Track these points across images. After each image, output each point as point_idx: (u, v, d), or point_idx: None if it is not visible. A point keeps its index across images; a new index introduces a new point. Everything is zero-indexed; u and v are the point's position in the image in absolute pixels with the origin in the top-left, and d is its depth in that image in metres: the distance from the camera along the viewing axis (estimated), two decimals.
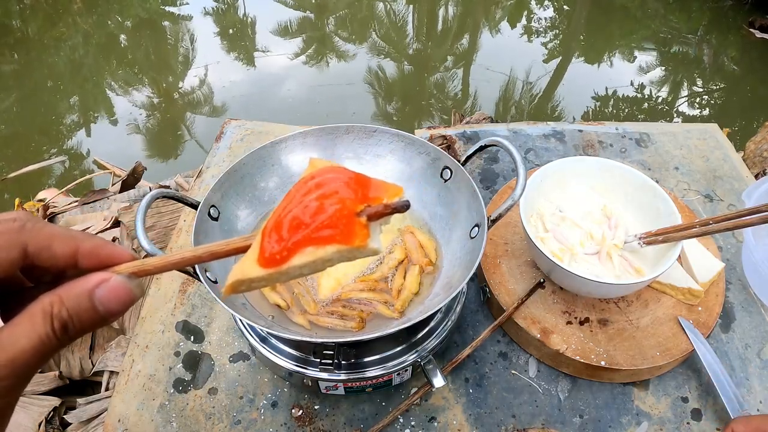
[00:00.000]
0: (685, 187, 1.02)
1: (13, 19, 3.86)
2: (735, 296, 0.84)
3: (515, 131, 1.13)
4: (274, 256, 0.31)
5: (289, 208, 0.32)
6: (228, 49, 3.75)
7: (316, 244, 0.31)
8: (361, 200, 0.32)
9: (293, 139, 0.75)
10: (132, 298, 0.31)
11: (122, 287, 0.31)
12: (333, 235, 0.31)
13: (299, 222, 0.31)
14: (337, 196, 0.32)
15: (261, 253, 0.31)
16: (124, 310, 0.31)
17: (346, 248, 0.31)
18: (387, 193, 0.33)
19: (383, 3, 4.24)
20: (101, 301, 0.30)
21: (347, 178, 0.33)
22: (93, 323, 0.30)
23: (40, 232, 0.31)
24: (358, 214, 0.32)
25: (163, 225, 1.09)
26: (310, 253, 0.31)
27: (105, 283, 0.30)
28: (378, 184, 0.34)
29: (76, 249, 0.32)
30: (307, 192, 0.33)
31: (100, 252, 0.32)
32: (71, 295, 0.29)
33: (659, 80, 3.38)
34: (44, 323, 0.28)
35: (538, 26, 4.02)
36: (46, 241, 0.31)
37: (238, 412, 0.72)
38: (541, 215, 0.81)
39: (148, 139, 2.95)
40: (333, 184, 0.33)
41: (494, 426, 0.71)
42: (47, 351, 0.29)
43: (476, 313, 0.83)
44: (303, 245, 0.31)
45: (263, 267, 0.31)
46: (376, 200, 0.33)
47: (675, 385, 0.74)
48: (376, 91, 3.33)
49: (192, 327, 0.81)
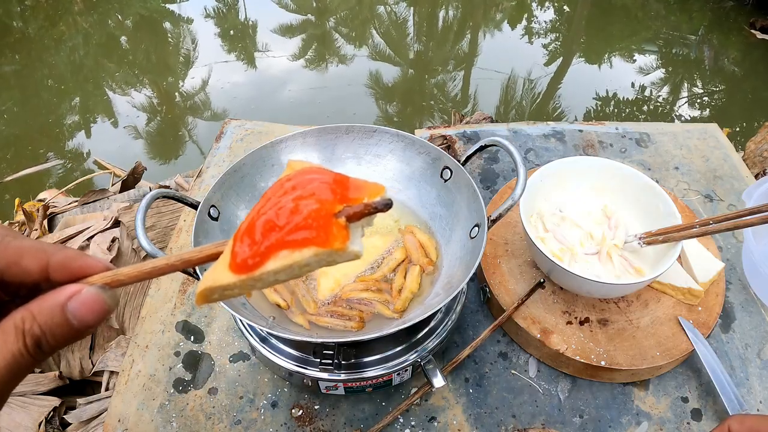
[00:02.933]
0: (685, 187, 1.02)
1: (13, 20, 3.86)
2: (735, 296, 0.84)
3: (515, 131, 1.13)
4: (246, 261, 0.29)
5: (263, 211, 0.30)
6: (229, 49, 3.75)
7: (291, 247, 0.29)
8: (340, 201, 0.31)
9: (293, 139, 0.75)
10: (106, 309, 0.30)
11: (95, 299, 0.30)
12: (309, 238, 0.29)
13: (272, 224, 0.30)
14: (314, 197, 0.30)
15: (232, 258, 0.30)
16: (98, 322, 0.30)
17: (324, 251, 0.29)
18: (367, 193, 0.31)
19: (384, 5, 4.24)
20: (74, 315, 0.29)
21: (325, 179, 0.32)
22: (67, 337, 0.29)
23: (8, 247, 0.30)
24: (336, 214, 0.30)
25: (163, 225, 1.09)
26: (285, 257, 0.29)
27: (77, 296, 0.29)
28: (358, 183, 0.32)
29: (47, 262, 0.31)
30: (283, 194, 0.31)
31: (71, 264, 0.31)
32: (43, 309, 0.28)
33: (660, 81, 3.38)
34: (16, 340, 0.27)
35: (539, 27, 4.02)
36: (15, 257, 0.30)
37: (239, 412, 0.72)
38: (541, 215, 0.81)
39: (148, 139, 2.95)
40: (310, 185, 0.31)
41: (494, 426, 0.71)
42: (21, 369, 0.28)
43: (476, 313, 0.83)
44: (277, 249, 0.29)
45: (235, 273, 0.30)
46: (356, 200, 0.31)
47: (675, 385, 0.74)
48: (377, 92, 3.33)
49: (192, 327, 0.81)
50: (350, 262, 0.74)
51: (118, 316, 1.00)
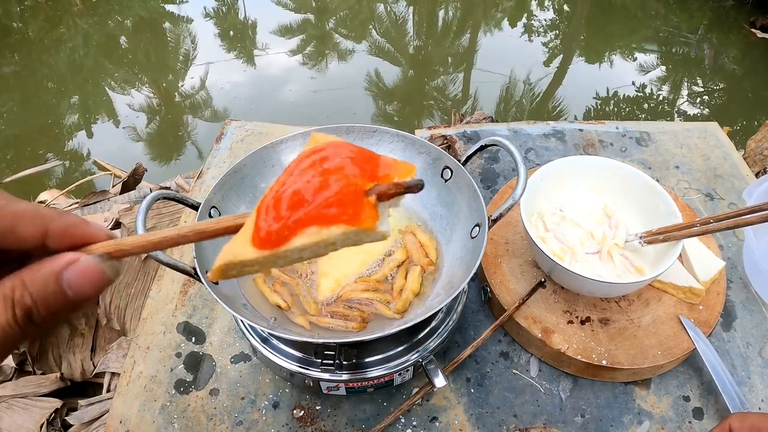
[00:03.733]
0: (686, 185, 1.02)
1: (13, 20, 3.87)
2: (736, 295, 0.84)
3: (515, 131, 1.13)
4: (271, 236, 0.27)
5: (289, 184, 0.28)
6: (228, 49, 3.76)
7: (320, 223, 0.27)
8: (369, 178, 0.29)
9: (293, 140, 0.75)
10: (105, 280, 0.28)
11: (94, 268, 0.28)
12: (339, 215, 0.27)
13: (301, 198, 0.28)
14: (343, 173, 0.28)
15: (256, 232, 0.28)
16: (96, 293, 0.28)
17: (353, 230, 0.28)
18: (398, 172, 0.29)
19: (384, 4, 4.24)
20: (70, 284, 0.27)
21: (353, 154, 0.30)
22: (61, 309, 0.27)
23: (3, 212, 0.28)
24: (366, 192, 0.28)
25: (164, 226, 1.09)
26: (313, 234, 0.27)
27: (74, 264, 0.27)
28: (387, 161, 0.30)
29: (45, 229, 0.28)
30: (310, 166, 0.29)
31: (72, 232, 0.29)
32: (36, 278, 0.26)
33: (660, 80, 3.38)
34: (5, 310, 0.25)
35: (539, 26, 4.02)
36: (10, 223, 0.28)
37: (240, 412, 0.72)
38: (541, 215, 0.81)
39: (148, 140, 2.95)
40: (338, 159, 0.29)
41: (496, 426, 0.71)
42: (10, 342, 0.26)
43: (477, 312, 0.83)
44: (305, 224, 0.27)
45: (258, 248, 0.27)
46: (386, 179, 0.29)
47: (676, 384, 0.74)
48: (377, 92, 3.33)
49: (193, 328, 0.81)
50: (350, 262, 0.74)
51: (119, 317, 1.00)
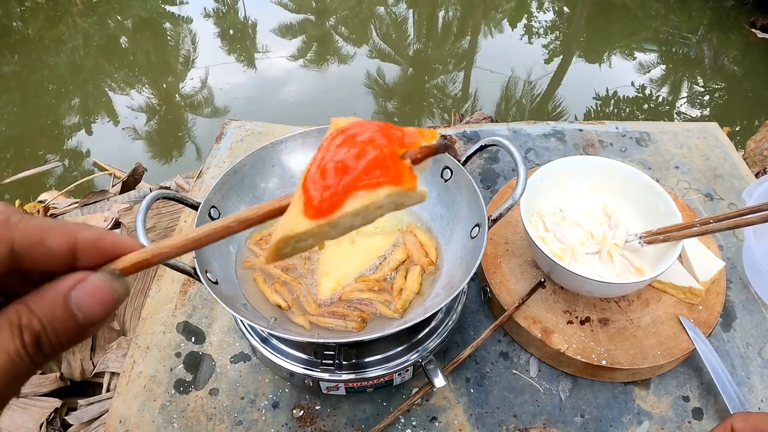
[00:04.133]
0: (686, 186, 1.02)
1: (13, 20, 3.87)
2: (736, 295, 0.84)
3: (515, 131, 1.13)
4: (324, 204, 0.28)
5: (328, 158, 0.29)
6: (229, 50, 3.76)
7: (368, 187, 0.28)
8: (400, 145, 0.30)
9: (293, 140, 0.75)
10: (116, 299, 0.26)
11: (104, 286, 0.26)
12: (384, 177, 0.28)
13: (345, 166, 0.28)
14: (376, 143, 0.29)
15: (307, 203, 0.28)
16: (107, 315, 0.26)
17: (398, 190, 0.29)
18: (423, 137, 0.31)
19: (384, 6, 4.24)
20: (79, 305, 0.25)
21: (379, 127, 0.31)
22: (71, 334, 0.25)
23: (29, 224, 0.25)
24: (402, 157, 0.30)
25: (164, 226, 1.09)
26: (362, 197, 0.28)
27: (83, 283, 0.25)
28: (411, 130, 0.32)
29: (74, 241, 0.26)
30: (343, 142, 0.30)
31: (102, 243, 0.27)
32: (43, 301, 0.24)
33: (660, 80, 3.38)
34: (12, 337, 0.23)
35: (539, 26, 4.02)
36: (38, 235, 0.25)
37: (240, 412, 0.72)
38: (541, 215, 0.81)
39: (148, 140, 2.95)
40: (367, 133, 0.30)
41: (495, 426, 0.71)
42: (21, 374, 0.23)
43: (477, 312, 0.83)
44: (354, 188, 0.28)
45: (312, 218, 0.28)
46: (414, 144, 0.30)
47: (676, 384, 0.74)
48: (377, 92, 3.33)
49: (193, 328, 0.81)
50: (350, 262, 0.74)
51: (119, 317, 1.00)
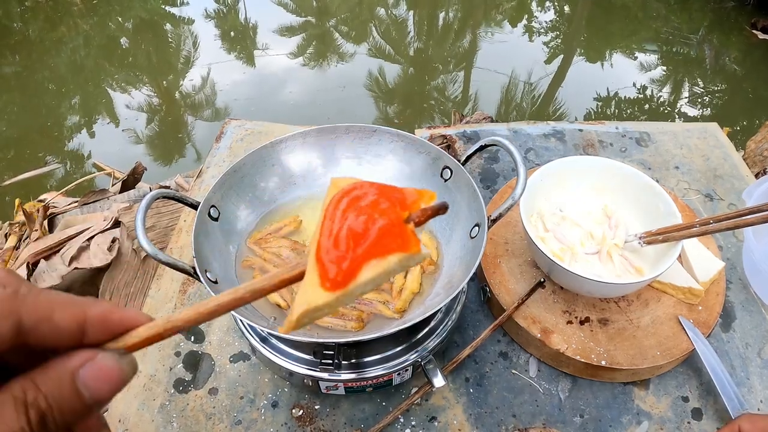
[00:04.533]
0: (686, 186, 1.02)
1: (13, 21, 3.87)
2: (735, 295, 0.84)
3: (515, 131, 1.13)
4: (338, 276, 0.28)
5: (338, 226, 0.30)
6: (229, 50, 3.76)
7: (379, 255, 0.29)
8: (402, 207, 0.31)
9: (293, 139, 0.75)
10: (123, 379, 0.25)
11: (113, 366, 0.25)
12: (394, 245, 0.29)
13: (356, 234, 0.29)
14: (380, 207, 0.30)
15: (323, 275, 0.28)
16: (112, 395, 0.25)
17: (406, 256, 0.30)
18: (423, 198, 0.32)
19: (384, 7, 4.24)
20: (86, 385, 0.24)
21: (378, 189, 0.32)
22: (76, 413, 0.24)
23: (37, 298, 0.25)
24: (405, 221, 0.30)
25: (163, 225, 1.09)
26: (375, 266, 0.29)
27: (91, 362, 0.24)
28: (410, 191, 0.32)
29: (84, 317, 0.25)
30: (348, 207, 0.30)
31: (111, 318, 0.26)
32: (50, 379, 0.23)
33: (660, 81, 3.38)
34: (17, 415, 0.22)
35: (539, 27, 4.02)
36: (46, 311, 0.24)
37: (239, 412, 0.72)
38: (541, 215, 0.81)
39: (148, 140, 2.95)
40: (369, 196, 0.31)
41: (495, 426, 0.71)
42: None
43: (476, 312, 0.83)
44: (367, 258, 0.29)
45: (329, 291, 0.28)
46: (415, 205, 0.31)
47: (675, 385, 0.74)
48: (377, 93, 3.33)
49: (192, 327, 0.81)
50: None
51: None
